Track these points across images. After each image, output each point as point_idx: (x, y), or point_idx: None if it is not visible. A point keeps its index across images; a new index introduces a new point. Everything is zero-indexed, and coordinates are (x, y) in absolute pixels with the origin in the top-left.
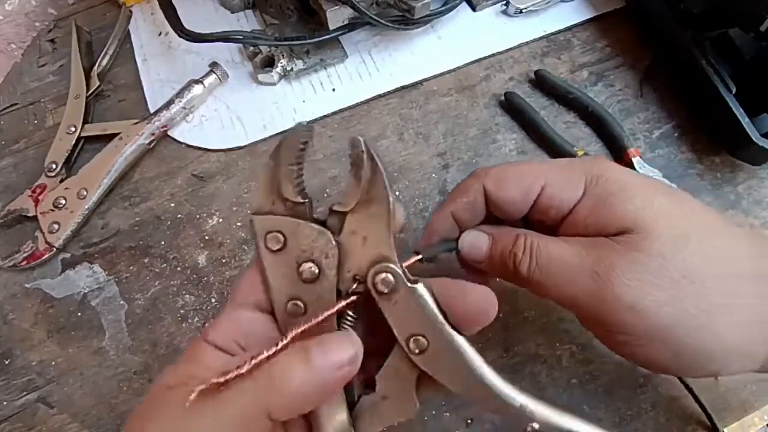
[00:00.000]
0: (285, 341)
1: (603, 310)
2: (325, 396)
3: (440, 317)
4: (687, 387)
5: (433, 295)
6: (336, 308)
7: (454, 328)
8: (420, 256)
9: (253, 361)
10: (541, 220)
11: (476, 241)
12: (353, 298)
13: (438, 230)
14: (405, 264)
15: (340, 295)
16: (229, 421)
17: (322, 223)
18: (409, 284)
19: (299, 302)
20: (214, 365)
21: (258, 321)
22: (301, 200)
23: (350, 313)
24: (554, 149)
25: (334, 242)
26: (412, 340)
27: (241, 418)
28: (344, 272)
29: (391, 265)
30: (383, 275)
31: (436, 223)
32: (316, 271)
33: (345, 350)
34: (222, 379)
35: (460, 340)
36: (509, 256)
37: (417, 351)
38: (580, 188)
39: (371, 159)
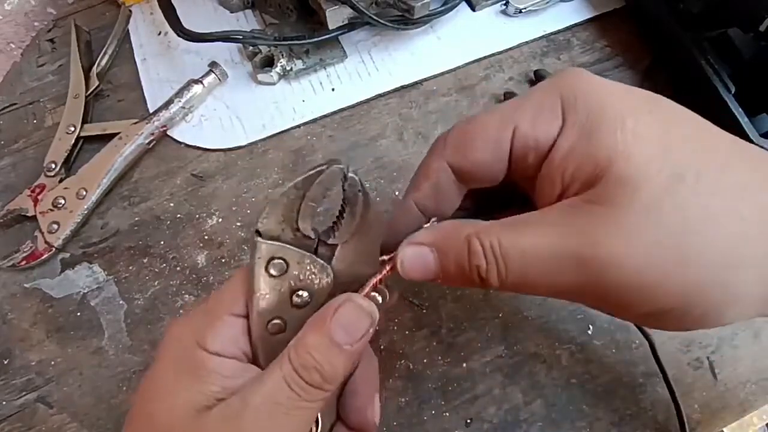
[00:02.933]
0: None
1: (603, 296)
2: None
3: None
4: (671, 392)
5: None
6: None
7: None
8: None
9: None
10: (525, 175)
11: (417, 260)
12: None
13: (400, 228)
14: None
15: None
16: (311, 418)
17: (323, 256)
18: None
19: (282, 321)
20: (228, 373)
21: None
22: (313, 236)
23: None
24: None
25: (332, 276)
26: None
27: (317, 410)
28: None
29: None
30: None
31: (397, 219)
32: (308, 299)
33: (362, 317)
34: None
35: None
36: (471, 270)
37: None
38: (557, 118)
39: (365, 195)
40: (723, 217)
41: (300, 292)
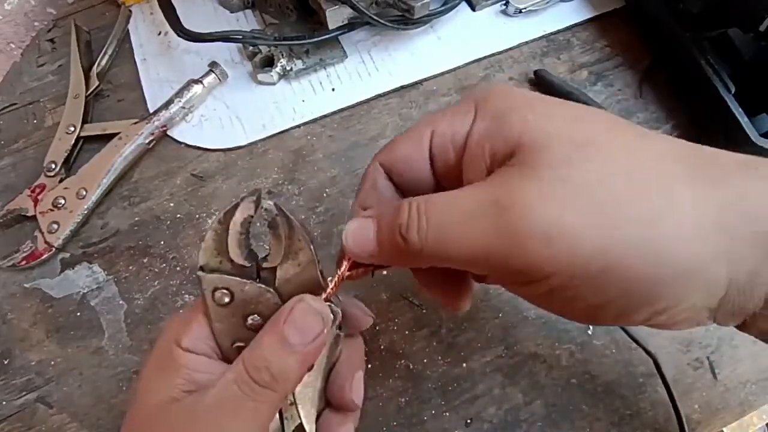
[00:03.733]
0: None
1: (517, 252)
2: (317, 356)
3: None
4: (670, 395)
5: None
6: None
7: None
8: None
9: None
10: (451, 178)
11: (359, 233)
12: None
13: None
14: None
15: None
16: (262, 421)
17: (262, 280)
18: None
19: (243, 343)
20: (202, 368)
21: None
22: (248, 264)
23: None
24: None
25: (277, 298)
26: None
27: (269, 413)
28: None
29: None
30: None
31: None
32: (261, 321)
33: (314, 316)
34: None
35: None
36: (396, 231)
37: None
38: (469, 114)
39: (285, 217)
40: (636, 174)
41: (252, 316)
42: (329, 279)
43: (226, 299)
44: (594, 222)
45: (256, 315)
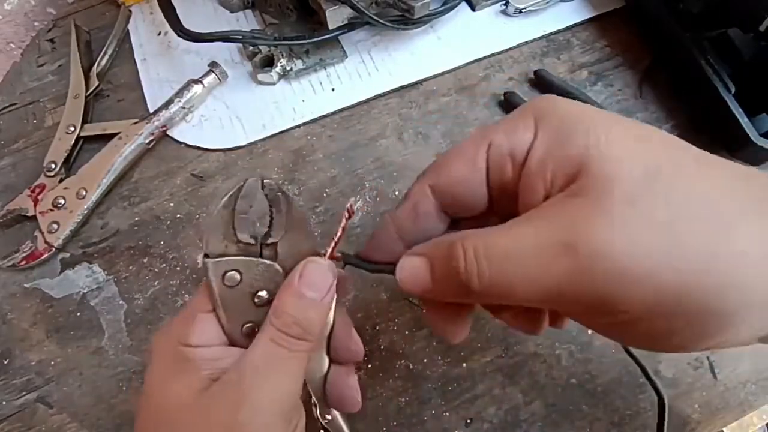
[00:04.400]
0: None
1: (590, 290)
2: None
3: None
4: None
5: None
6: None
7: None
8: (338, 256)
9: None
10: (506, 194)
11: (414, 271)
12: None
13: (376, 252)
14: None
15: None
16: (302, 370)
17: (268, 257)
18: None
19: (253, 323)
20: (219, 356)
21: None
22: (253, 242)
23: None
24: None
25: (281, 271)
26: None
27: (305, 363)
28: None
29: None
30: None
31: (376, 241)
32: (268, 296)
33: (324, 273)
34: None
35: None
36: (453, 275)
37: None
38: (530, 129)
39: (284, 194)
40: (705, 207)
41: (259, 293)
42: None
43: (237, 279)
44: (667, 260)
45: (263, 291)
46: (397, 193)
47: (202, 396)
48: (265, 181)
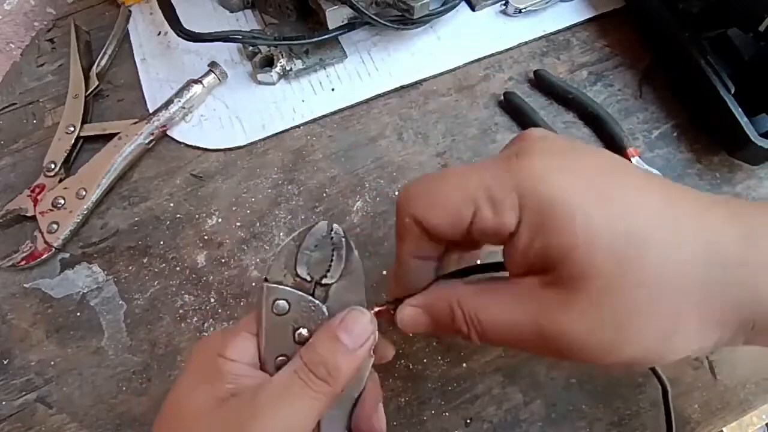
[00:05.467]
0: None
1: (559, 355)
2: (367, 363)
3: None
4: (665, 393)
5: None
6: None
7: None
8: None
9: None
10: (488, 241)
11: (412, 319)
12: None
13: (404, 284)
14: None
15: None
16: (316, 412)
17: (318, 297)
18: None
19: (286, 358)
20: (248, 374)
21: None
22: (309, 279)
23: None
24: None
25: (326, 313)
26: None
27: (322, 407)
28: None
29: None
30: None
31: (399, 276)
32: (308, 335)
33: (365, 325)
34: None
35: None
36: (455, 330)
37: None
38: (514, 213)
39: (347, 241)
40: (657, 305)
41: (300, 330)
42: (375, 306)
43: (284, 309)
44: (616, 350)
45: (304, 329)
46: (396, 192)
47: (218, 406)
48: (334, 226)
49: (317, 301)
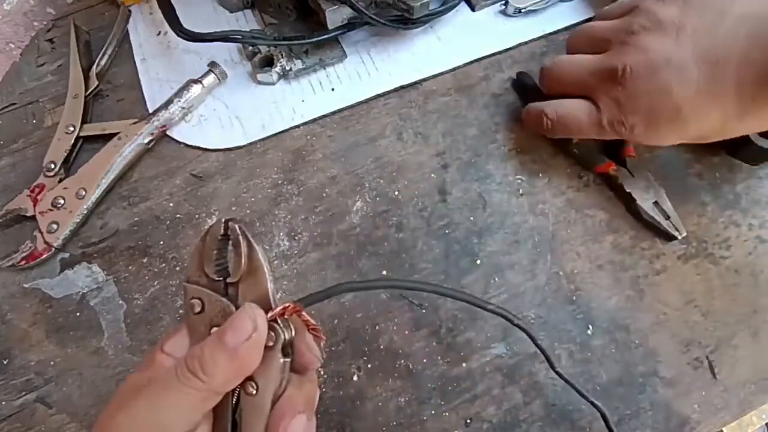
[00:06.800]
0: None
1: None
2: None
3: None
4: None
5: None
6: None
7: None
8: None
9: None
10: None
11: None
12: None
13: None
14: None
15: None
16: (188, 407)
17: (228, 295)
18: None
19: None
20: (168, 365)
21: None
22: (217, 278)
23: None
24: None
25: (234, 309)
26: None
27: (196, 402)
28: None
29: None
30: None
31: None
32: None
33: (244, 322)
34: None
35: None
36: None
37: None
38: None
39: (246, 238)
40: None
41: (215, 327)
42: (282, 303)
43: (198, 308)
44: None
45: (217, 326)
46: (396, 192)
47: (131, 390)
48: (230, 223)
49: (225, 300)
